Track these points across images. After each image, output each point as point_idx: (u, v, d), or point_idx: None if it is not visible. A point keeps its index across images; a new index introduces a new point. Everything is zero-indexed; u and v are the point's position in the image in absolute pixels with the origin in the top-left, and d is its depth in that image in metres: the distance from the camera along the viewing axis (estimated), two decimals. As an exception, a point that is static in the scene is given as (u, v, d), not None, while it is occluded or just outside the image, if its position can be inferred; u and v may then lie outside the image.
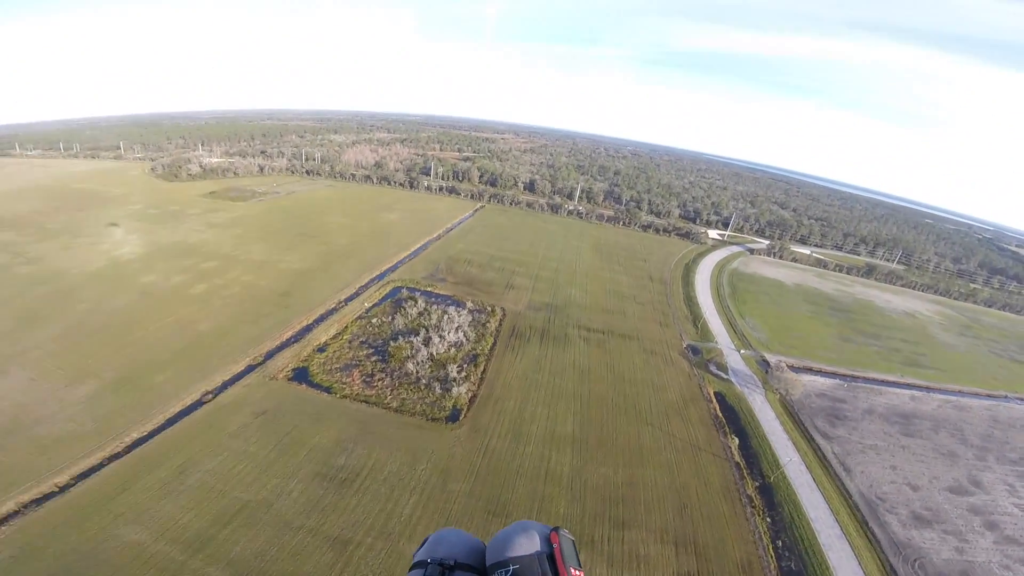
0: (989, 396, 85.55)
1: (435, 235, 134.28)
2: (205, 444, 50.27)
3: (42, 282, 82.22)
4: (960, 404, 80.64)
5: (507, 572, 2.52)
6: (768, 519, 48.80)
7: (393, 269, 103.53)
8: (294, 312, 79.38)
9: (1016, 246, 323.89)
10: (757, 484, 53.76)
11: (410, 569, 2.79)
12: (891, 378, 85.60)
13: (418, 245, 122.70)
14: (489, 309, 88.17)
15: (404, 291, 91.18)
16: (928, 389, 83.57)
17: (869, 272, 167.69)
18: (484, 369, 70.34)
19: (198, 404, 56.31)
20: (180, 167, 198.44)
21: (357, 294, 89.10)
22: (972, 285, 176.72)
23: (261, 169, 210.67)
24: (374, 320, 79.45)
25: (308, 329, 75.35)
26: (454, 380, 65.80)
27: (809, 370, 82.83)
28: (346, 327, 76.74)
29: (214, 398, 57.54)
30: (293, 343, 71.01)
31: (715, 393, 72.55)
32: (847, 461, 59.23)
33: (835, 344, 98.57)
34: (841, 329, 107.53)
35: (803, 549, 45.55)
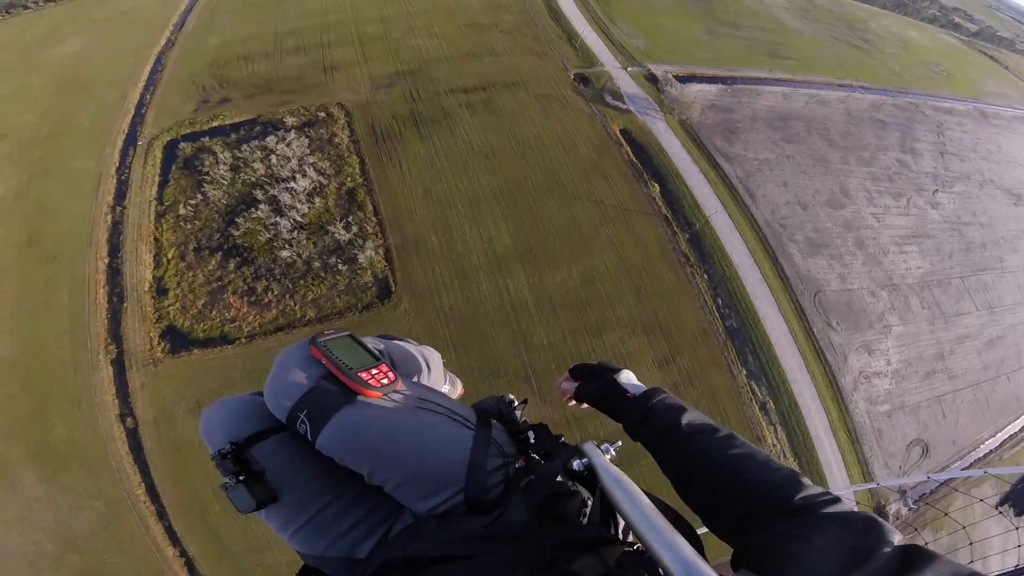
0: (840, 86, 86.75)
1: (161, 44, 75.39)
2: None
3: None
4: (821, 98, 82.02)
5: (302, 422, 1.85)
6: (705, 276, 50.60)
7: (139, 118, 61.56)
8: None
9: None
10: (687, 236, 55.01)
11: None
12: (762, 74, 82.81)
13: (146, 72, 69.74)
14: (323, 115, 60.66)
15: (184, 145, 57.96)
16: (793, 83, 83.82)
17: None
18: (375, 208, 52.39)
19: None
20: None
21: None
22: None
23: None
24: (181, 210, 53.28)
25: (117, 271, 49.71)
26: (350, 244, 49.98)
27: (693, 77, 77.98)
28: (157, 240, 51.47)
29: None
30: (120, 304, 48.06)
31: (621, 131, 66.53)
32: (749, 184, 59.73)
33: (706, 40, 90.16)
34: (706, 21, 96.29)
35: (736, 302, 50.27)
